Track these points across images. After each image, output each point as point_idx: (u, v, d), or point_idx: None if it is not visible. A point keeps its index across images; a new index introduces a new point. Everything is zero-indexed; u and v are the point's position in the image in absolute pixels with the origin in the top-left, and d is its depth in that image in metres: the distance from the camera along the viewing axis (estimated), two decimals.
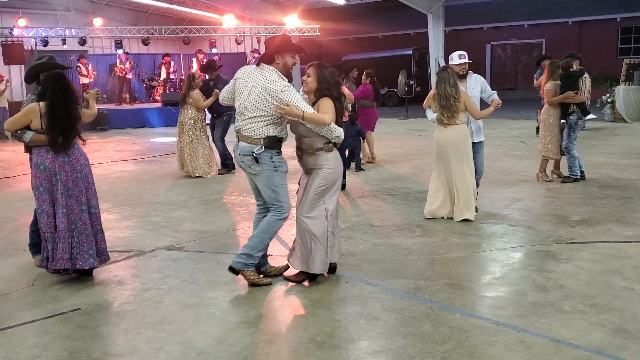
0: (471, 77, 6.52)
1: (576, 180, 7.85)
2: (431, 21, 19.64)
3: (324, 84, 4.42)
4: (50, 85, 4.57)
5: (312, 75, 4.46)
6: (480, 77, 6.63)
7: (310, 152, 4.48)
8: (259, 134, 4.34)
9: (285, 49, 4.41)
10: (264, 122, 4.34)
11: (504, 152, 10.76)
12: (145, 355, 3.46)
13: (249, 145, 4.35)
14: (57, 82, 4.59)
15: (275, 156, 4.43)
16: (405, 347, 3.45)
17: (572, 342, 3.44)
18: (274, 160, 4.41)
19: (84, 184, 4.68)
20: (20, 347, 3.61)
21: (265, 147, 4.35)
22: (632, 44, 23.54)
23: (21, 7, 21.17)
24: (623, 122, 14.85)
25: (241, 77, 4.47)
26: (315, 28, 20.24)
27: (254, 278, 4.47)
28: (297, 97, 4.31)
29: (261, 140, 4.34)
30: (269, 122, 4.34)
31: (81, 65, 18.65)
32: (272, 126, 4.36)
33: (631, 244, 5.29)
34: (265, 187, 4.43)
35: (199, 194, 8.05)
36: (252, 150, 4.33)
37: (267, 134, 4.35)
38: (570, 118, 7.77)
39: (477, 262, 4.98)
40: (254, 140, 4.34)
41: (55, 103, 4.52)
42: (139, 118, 17.91)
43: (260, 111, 4.31)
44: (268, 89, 4.27)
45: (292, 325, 3.80)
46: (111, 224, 6.51)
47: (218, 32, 20.81)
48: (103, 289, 4.54)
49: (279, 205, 4.44)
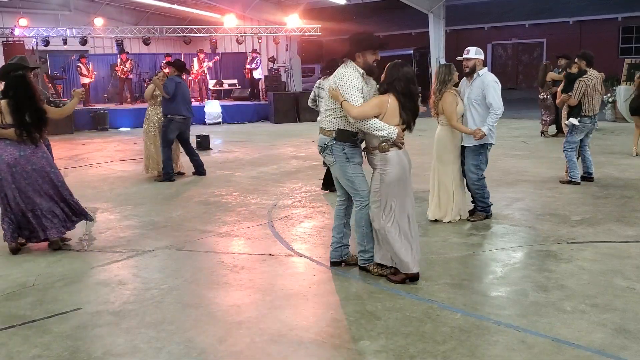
0: (479, 78, 5.96)
1: (571, 183, 7.80)
2: (432, 21, 19.62)
3: (386, 79, 4.50)
4: (12, 84, 5.17)
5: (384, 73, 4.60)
6: (488, 81, 5.90)
7: (368, 151, 4.58)
8: (330, 126, 4.58)
9: (363, 47, 4.51)
10: (334, 116, 4.56)
11: (505, 152, 10.76)
12: (146, 354, 3.46)
13: (324, 137, 4.63)
14: (18, 82, 5.17)
15: (347, 148, 4.57)
16: (406, 346, 3.45)
17: (573, 342, 3.44)
18: (345, 152, 4.57)
19: (39, 175, 5.36)
20: (21, 346, 3.61)
21: (336, 139, 4.56)
22: (634, 43, 23.51)
23: (22, 7, 21.19)
24: (624, 122, 14.84)
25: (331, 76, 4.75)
26: (316, 28, 20.21)
27: (378, 271, 4.62)
28: (348, 87, 4.42)
29: (333, 132, 4.56)
30: (337, 115, 4.54)
31: (82, 65, 18.65)
32: (341, 119, 4.53)
33: (632, 243, 5.28)
34: (341, 177, 4.68)
35: (199, 194, 8.05)
36: (325, 141, 4.61)
37: (338, 127, 4.54)
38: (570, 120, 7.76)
39: (478, 262, 4.98)
40: (327, 133, 4.60)
41: (17, 101, 5.11)
42: (140, 118, 17.82)
43: (331, 105, 4.55)
44: (335, 83, 4.50)
45: (293, 325, 3.80)
46: (112, 224, 6.51)
47: (219, 32, 20.80)
48: (104, 289, 4.54)
49: (356, 193, 4.62)
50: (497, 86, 5.91)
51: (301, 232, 6.04)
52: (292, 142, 13.47)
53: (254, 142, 13.80)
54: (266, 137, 14.85)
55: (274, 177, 9.12)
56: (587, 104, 7.65)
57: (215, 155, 11.88)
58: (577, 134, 7.77)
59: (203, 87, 20.28)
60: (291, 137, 14.66)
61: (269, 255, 5.27)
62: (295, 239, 5.76)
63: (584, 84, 7.61)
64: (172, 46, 24.88)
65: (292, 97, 19.17)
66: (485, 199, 6.22)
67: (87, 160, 11.30)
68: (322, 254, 5.23)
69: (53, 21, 22.27)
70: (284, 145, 13.04)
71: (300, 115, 18.96)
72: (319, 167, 9.90)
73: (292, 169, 9.92)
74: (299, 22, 20.70)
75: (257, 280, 4.66)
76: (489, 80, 5.91)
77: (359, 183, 4.59)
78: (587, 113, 7.68)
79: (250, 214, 6.81)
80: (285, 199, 7.55)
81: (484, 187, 6.20)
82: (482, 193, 6.18)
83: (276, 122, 18.46)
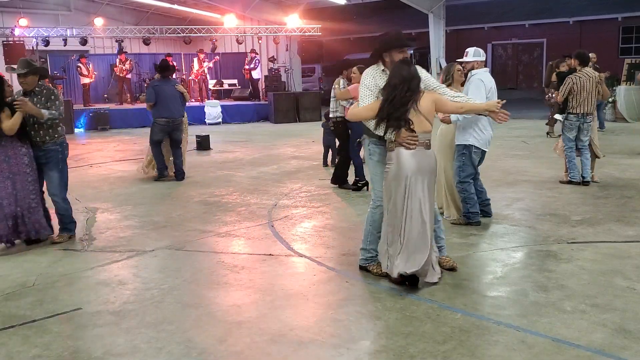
0: (471, 78, 5.88)
1: (571, 183, 7.80)
2: (432, 21, 19.62)
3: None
4: None
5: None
6: (473, 79, 5.81)
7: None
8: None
9: (388, 47, 4.50)
10: None
11: (505, 152, 10.76)
12: (146, 354, 3.46)
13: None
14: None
15: (372, 145, 4.62)
16: (406, 346, 3.45)
17: (573, 342, 3.44)
18: (370, 148, 4.65)
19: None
20: (21, 346, 3.61)
21: (366, 135, 4.67)
22: (634, 43, 23.51)
23: (22, 7, 21.18)
24: (624, 122, 14.84)
25: None
26: (316, 28, 20.22)
27: (378, 271, 4.60)
28: (360, 86, 4.51)
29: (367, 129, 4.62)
30: None
31: (82, 65, 18.64)
32: None
33: (632, 243, 5.28)
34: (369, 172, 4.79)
35: (199, 194, 8.05)
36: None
37: (365, 124, 4.59)
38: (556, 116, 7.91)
39: (478, 262, 4.98)
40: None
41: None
42: (140, 118, 17.87)
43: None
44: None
45: (293, 325, 3.80)
46: (112, 224, 6.52)
47: (219, 32, 20.81)
48: (104, 289, 4.54)
49: (372, 191, 4.69)
50: (480, 83, 5.72)
51: (301, 232, 6.04)
52: (292, 142, 13.47)
53: (254, 142, 13.80)
54: (266, 137, 14.85)
55: (274, 177, 9.12)
56: (573, 101, 7.69)
57: (215, 155, 11.88)
58: (567, 131, 7.83)
59: (203, 87, 20.29)
60: (291, 137, 14.66)
61: (269, 255, 5.27)
62: (295, 239, 5.76)
63: (571, 82, 7.70)
64: (172, 46, 24.87)
65: (292, 97, 19.17)
66: (467, 204, 5.93)
67: (87, 160, 11.30)
68: (322, 254, 5.23)
69: (53, 21, 22.27)
70: (284, 145, 13.04)
71: (300, 115, 18.97)
72: (319, 167, 9.91)
73: (292, 169, 9.92)
74: (299, 22, 20.71)
75: (257, 280, 4.66)
76: (473, 77, 5.83)
77: (375, 182, 4.66)
78: (572, 110, 7.72)
79: (251, 214, 6.81)
80: (285, 199, 7.55)
81: (466, 191, 5.90)
82: (464, 197, 5.94)
83: (276, 122, 18.47)
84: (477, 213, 5.99)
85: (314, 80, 26.31)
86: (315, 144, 12.78)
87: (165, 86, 9.03)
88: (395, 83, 4.17)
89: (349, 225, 6.19)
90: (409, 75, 4.19)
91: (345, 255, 5.19)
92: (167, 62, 10.00)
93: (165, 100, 8.90)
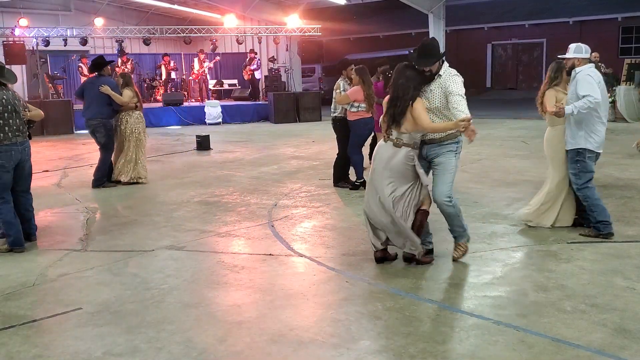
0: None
1: None
2: (432, 21, 19.61)
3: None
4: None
5: None
6: (585, 81, 5.34)
7: None
8: None
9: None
10: None
11: (505, 152, 10.76)
12: (146, 354, 3.46)
13: None
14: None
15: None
16: (406, 346, 3.45)
17: (573, 342, 3.44)
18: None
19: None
20: (21, 346, 3.61)
21: None
22: (633, 43, 23.52)
23: (22, 7, 21.17)
24: (624, 122, 14.84)
25: None
26: (316, 28, 20.21)
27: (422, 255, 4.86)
28: None
29: None
30: None
31: (83, 65, 18.65)
32: None
33: (632, 243, 5.28)
34: None
35: (199, 194, 8.05)
36: None
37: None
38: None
39: (478, 262, 4.97)
40: None
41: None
42: None
43: None
44: None
45: (293, 325, 3.80)
46: (112, 224, 6.51)
47: (219, 32, 20.81)
48: (104, 289, 4.54)
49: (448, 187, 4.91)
50: (590, 79, 5.35)
51: (301, 232, 6.04)
52: (292, 142, 13.47)
53: (254, 142, 13.81)
54: (266, 137, 14.86)
55: (274, 177, 9.12)
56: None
57: (215, 155, 11.88)
58: None
59: (203, 87, 20.31)
60: (291, 137, 14.66)
61: (269, 255, 5.27)
62: (295, 239, 5.76)
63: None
64: (172, 46, 24.89)
65: (292, 97, 19.18)
66: (594, 212, 5.37)
67: (87, 161, 11.29)
68: (322, 254, 5.24)
69: (53, 21, 22.25)
70: (284, 145, 13.04)
71: (300, 115, 18.97)
72: (319, 167, 9.91)
73: (292, 169, 9.92)
74: (299, 22, 20.69)
75: (257, 280, 4.66)
76: (580, 75, 5.43)
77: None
78: None
79: (251, 214, 6.81)
80: (285, 199, 7.55)
81: (589, 198, 5.38)
82: (588, 205, 5.41)
83: (276, 122, 18.47)
84: (608, 223, 5.38)
85: (314, 80, 26.30)
86: (315, 144, 12.79)
87: (91, 84, 8.54)
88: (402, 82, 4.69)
89: (349, 225, 6.19)
90: (412, 75, 4.70)
91: (345, 255, 5.19)
92: (99, 59, 8.84)
93: (89, 99, 8.46)
